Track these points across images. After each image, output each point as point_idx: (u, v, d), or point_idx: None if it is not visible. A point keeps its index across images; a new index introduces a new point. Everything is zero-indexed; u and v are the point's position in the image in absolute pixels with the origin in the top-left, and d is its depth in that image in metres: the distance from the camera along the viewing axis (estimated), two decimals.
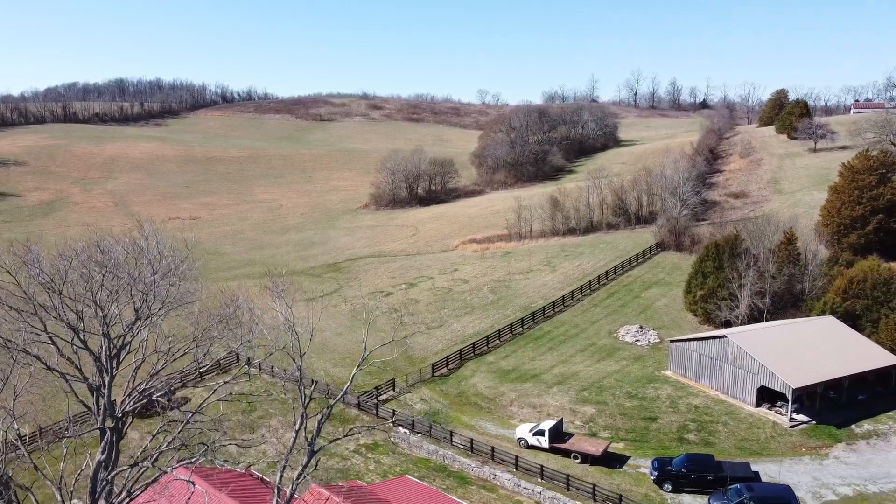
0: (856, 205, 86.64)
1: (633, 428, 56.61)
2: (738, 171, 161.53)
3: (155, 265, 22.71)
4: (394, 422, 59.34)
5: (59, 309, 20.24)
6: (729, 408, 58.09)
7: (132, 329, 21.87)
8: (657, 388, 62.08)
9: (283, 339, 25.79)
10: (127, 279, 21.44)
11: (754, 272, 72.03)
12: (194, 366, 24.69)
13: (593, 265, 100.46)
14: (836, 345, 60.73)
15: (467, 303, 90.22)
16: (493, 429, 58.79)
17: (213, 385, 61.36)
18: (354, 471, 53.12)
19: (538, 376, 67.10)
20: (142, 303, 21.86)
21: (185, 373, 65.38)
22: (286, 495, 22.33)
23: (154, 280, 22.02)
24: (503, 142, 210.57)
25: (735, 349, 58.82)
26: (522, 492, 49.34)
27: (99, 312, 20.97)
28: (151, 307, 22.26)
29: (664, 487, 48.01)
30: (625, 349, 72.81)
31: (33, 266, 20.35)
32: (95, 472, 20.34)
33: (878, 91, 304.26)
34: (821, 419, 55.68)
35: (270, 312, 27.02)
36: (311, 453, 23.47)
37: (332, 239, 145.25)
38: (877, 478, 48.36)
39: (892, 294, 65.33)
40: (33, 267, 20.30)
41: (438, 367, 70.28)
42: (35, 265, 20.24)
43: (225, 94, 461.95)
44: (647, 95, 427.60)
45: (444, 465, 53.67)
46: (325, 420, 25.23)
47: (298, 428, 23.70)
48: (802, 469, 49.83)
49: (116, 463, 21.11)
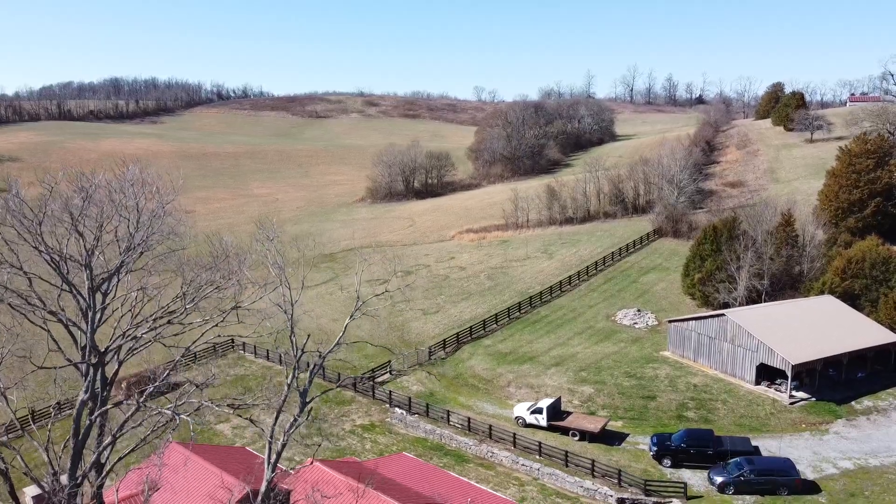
0: (853, 189, 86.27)
1: (631, 406, 56.15)
2: (734, 161, 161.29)
3: (139, 197, 22.11)
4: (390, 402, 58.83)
5: (38, 238, 19.59)
6: (728, 386, 57.66)
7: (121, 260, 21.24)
8: (655, 368, 61.62)
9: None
10: (109, 205, 20.87)
11: (752, 254, 71.60)
12: (185, 354, 23.90)
13: (590, 252, 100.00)
14: (836, 323, 60.36)
15: (464, 289, 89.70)
16: (491, 409, 58.29)
17: (210, 371, 60.77)
18: (351, 451, 52.58)
19: (536, 358, 66.61)
20: (127, 233, 21.24)
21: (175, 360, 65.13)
22: (278, 451, 21.82)
23: (136, 204, 21.42)
24: (499, 136, 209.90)
25: (734, 327, 58.39)
26: (520, 469, 48.88)
27: (80, 242, 20.36)
28: (135, 236, 21.64)
29: (663, 463, 47.58)
30: (623, 332, 72.34)
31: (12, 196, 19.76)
32: (79, 413, 19.80)
33: (874, 85, 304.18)
34: (820, 396, 55.28)
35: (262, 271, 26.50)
36: (303, 403, 22.97)
37: (329, 231, 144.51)
38: (878, 452, 47.99)
39: (891, 273, 64.97)
40: (12, 197, 19.71)
41: (435, 350, 69.75)
42: (14, 194, 19.63)
43: (221, 91, 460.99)
44: (644, 91, 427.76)
45: (442, 444, 53.16)
46: (316, 371, 24.71)
47: (291, 380, 23.20)
48: (803, 444, 49.45)
49: (104, 404, 20.53)
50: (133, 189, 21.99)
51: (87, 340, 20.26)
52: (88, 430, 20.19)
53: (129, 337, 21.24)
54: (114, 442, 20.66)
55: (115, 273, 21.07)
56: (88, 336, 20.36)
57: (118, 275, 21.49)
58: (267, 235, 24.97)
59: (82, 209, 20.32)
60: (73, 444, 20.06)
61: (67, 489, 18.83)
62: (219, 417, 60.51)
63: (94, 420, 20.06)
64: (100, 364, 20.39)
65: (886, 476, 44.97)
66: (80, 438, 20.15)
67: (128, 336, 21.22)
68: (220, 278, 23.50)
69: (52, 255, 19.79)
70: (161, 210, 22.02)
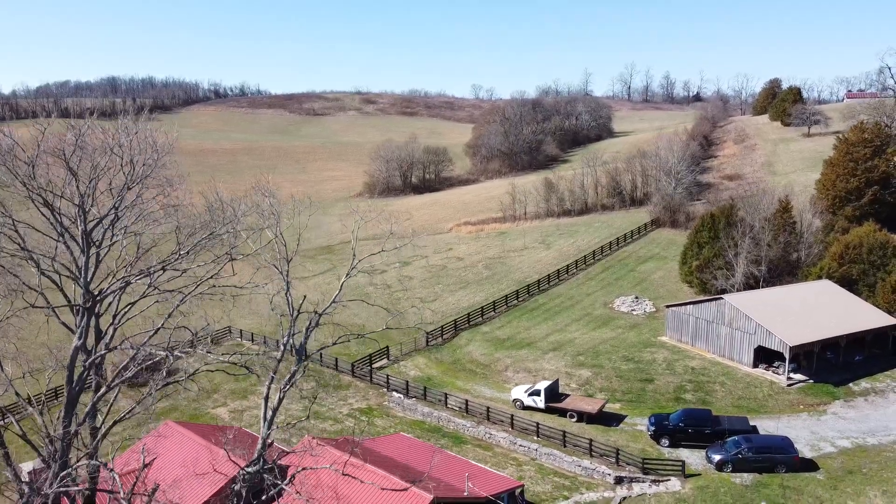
0: (850, 177, 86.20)
1: (629, 389, 56.08)
2: (732, 156, 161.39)
3: (133, 147, 21.91)
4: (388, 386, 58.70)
5: (30, 178, 19.39)
6: (726, 369, 57.61)
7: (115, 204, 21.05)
8: (653, 353, 61.56)
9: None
10: (104, 149, 20.66)
11: (750, 240, 71.58)
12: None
13: (588, 242, 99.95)
14: (833, 306, 60.35)
15: (462, 278, 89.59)
16: (489, 392, 58.17)
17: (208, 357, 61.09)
18: (348, 433, 52.36)
19: (533, 344, 66.51)
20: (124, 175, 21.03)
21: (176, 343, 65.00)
22: (274, 406, 21.68)
23: (130, 142, 21.21)
24: (497, 132, 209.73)
25: (732, 310, 58.34)
26: (518, 449, 48.78)
27: (74, 183, 20.16)
28: (131, 177, 21.44)
29: (661, 443, 47.50)
30: (620, 318, 72.28)
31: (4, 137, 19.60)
32: (72, 360, 19.62)
33: (871, 81, 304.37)
34: (818, 378, 55.25)
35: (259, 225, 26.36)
36: (300, 359, 22.85)
37: (326, 224, 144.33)
38: (875, 431, 47.97)
39: (889, 258, 64.99)
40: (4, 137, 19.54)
41: (433, 336, 69.61)
42: (6, 134, 19.43)
43: (218, 90, 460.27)
44: (641, 89, 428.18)
45: (439, 426, 53.05)
46: (313, 328, 24.58)
47: (287, 339, 23.05)
48: (801, 424, 49.39)
49: (95, 350, 20.37)
50: (127, 136, 21.81)
51: (81, 283, 20.07)
52: (82, 379, 19.99)
53: (121, 280, 21.05)
54: (108, 390, 20.48)
55: (113, 214, 20.84)
56: (82, 279, 20.16)
57: (114, 225, 21.31)
58: (262, 192, 24.85)
59: (76, 146, 20.11)
60: (67, 392, 19.87)
61: (62, 439, 18.63)
62: (216, 402, 60.48)
63: (87, 367, 19.88)
64: (93, 308, 20.21)
65: (884, 454, 44.94)
66: (74, 387, 19.96)
67: (121, 280, 21.03)
68: (214, 221, 23.34)
69: (44, 195, 19.57)
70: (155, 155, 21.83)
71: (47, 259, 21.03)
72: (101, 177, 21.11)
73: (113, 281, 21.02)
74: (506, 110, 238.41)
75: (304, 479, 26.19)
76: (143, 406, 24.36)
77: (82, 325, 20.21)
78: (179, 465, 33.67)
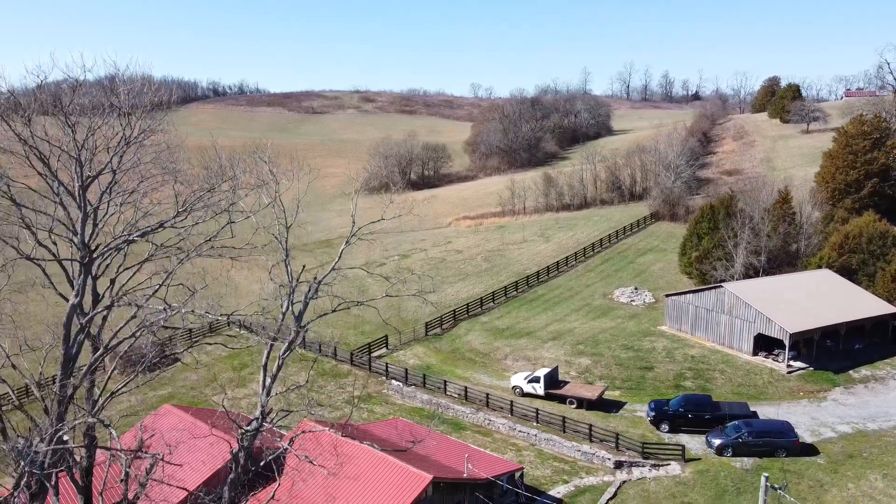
0: (850, 169, 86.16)
1: (629, 377, 55.94)
2: (731, 152, 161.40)
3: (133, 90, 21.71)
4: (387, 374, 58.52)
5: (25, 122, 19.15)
6: (726, 357, 57.49)
7: (110, 158, 20.86)
8: (653, 341, 61.44)
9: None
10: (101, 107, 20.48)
11: (749, 231, 71.49)
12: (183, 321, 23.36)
13: (587, 235, 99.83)
14: (833, 294, 60.28)
15: (461, 270, 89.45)
16: (488, 380, 58.01)
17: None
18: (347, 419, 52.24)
19: (533, 333, 66.36)
20: (120, 126, 20.82)
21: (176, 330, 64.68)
22: (273, 373, 21.51)
23: (127, 94, 21.02)
24: (496, 129, 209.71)
25: (731, 298, 58.23)
26: (518, 435, 48.64)
27: (71, 134, 19.93)
28: (133, 125, 21.22)
29: (661, 428, 47.36)
30: (620, 308, 72.16)
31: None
32: (69, 318, 19.40)
33: (870, 80, 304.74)
34: (818, 366, 55.16)
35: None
36: (298, 327, 22.70)
37: (325, 220, 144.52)
38: (876, 416, 47.87)
39: (888, 247, 64.91)
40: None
41: (432, 326, 69.43)
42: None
43: (216, 88, 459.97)
44: (640, 88, 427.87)
45: (439, 413, 52.85)
46: (312, 295, 24.42)
47: (286, 310, 22.88)
48: (801, 411, 49.28)
49: (93, 307, 20.18)
50: (126, 89, 21.62)
51: (78, 240, 19.85)
52: (79, 339, 19.75)
53: (120, 238, 20.85)
54: (105, 352, 20.27)
55: (111, 174, 20.63)
56: (79, 235, 19.94)
57: (111, 189, 21.09)
58: (260, 157, 24.69)
59: (73, 96, 19.92)
60: (64, 351, 19.66)
61: (58, 398, 18.44)
62: (215, 390, 60.26)
63: (85, 326, 19.66)
64: (91, 264, 20.01)
65: (885, 439, 44.82)
66: (71, 346, 19.75)
67: (119, 238, 20.83)
68: (214, 176, 23.17)
69: (40, 149, 19.38)
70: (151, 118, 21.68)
71: (45, 224, 20.85)
72: (99, 128, 20.92)
73: (111, 240, 20.84)
74: (505, 108, 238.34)
75: (302, 445, 26.11)
76: (142, 371, 24.15)
77: (79, 282, 20.02)
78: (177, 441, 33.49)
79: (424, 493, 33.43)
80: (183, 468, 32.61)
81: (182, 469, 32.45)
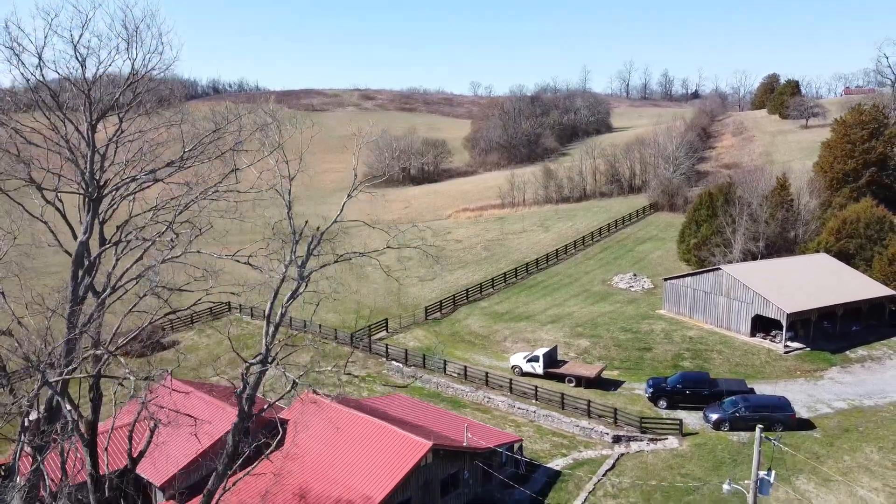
0: (848, 159, 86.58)
1: (627, 357, 56.32)
2: (730, 146, 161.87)
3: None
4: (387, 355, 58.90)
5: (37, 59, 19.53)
6: (724, 338, 57.87)
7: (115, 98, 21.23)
8: (651, 324, 61.81)
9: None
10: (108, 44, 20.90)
11: (747, 217, 71.93)
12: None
13: (587, 225, 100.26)
14: (830, 277, 60.66)
15: (461, 259, 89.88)
16: (487, 361, 58.37)
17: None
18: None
19: (532, 317, 66.75)
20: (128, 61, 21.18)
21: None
22: (276, 322, 21.90)
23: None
24: (496, 125, 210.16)
25: (729, 280, 58.62)
26: (517, 412, 49.02)
27: (80, 71, 20.35)
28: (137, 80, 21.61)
29: (659, 404, 47.72)
30: (619, 294, 72.57)
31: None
32: (78, 254, 19.69)
33: (869, 78, 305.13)
34: (815, 346, 55.55)
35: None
36: (301, 277, 23.09)
37: (324, 213, 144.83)
38: (872, 394, 48.24)
39: (885, 232, 65.35)
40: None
41: (432, 311, 69.84)
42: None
43: (216, 86, 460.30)
44: (640, 87, 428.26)
45: (438, 392, 53.31)
46: (315, 246, 24.83)
47: (289, 262, 23.27)
48: (798, 388, 49.64)
49: (100, 245, 20.51)
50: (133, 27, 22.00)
51: (86, 175, 20.20)
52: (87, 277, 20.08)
53: (126, 179, 21.22)
54: (113, 290, 20.60)
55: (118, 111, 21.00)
56: (87, 171, 20.30)
57: (117, 140, 21.47)
58: (264, 111, 25.09)
59: (83, 28, 20.35)
60: (72, 288, 20.01)
61: (65, 338, 18.77)
62: (216, 369, 60.75)
63: (95, 261, 19.99)
64: (99, 201, 20.37)
65: (880, 414, 45.21)
66: (79, 283, 20.10)
67: (125, 179, 21.21)
68: (221, 121, 23.57)
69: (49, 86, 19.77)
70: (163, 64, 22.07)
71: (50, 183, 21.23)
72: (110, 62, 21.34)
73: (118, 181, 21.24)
74: (504, 104, 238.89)
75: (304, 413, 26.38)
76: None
77: (87, 220, 20.38)
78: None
79: (424, 459, 33.80)
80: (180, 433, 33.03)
81: (180, 433, 32.87)
